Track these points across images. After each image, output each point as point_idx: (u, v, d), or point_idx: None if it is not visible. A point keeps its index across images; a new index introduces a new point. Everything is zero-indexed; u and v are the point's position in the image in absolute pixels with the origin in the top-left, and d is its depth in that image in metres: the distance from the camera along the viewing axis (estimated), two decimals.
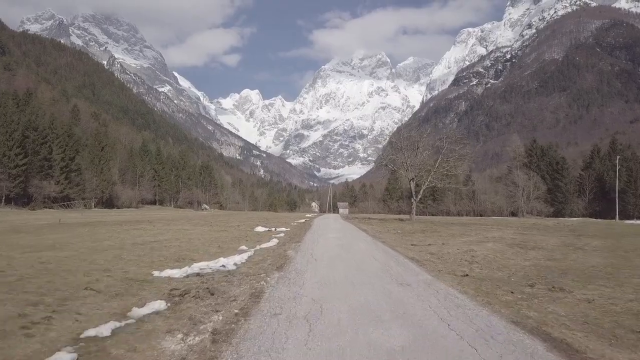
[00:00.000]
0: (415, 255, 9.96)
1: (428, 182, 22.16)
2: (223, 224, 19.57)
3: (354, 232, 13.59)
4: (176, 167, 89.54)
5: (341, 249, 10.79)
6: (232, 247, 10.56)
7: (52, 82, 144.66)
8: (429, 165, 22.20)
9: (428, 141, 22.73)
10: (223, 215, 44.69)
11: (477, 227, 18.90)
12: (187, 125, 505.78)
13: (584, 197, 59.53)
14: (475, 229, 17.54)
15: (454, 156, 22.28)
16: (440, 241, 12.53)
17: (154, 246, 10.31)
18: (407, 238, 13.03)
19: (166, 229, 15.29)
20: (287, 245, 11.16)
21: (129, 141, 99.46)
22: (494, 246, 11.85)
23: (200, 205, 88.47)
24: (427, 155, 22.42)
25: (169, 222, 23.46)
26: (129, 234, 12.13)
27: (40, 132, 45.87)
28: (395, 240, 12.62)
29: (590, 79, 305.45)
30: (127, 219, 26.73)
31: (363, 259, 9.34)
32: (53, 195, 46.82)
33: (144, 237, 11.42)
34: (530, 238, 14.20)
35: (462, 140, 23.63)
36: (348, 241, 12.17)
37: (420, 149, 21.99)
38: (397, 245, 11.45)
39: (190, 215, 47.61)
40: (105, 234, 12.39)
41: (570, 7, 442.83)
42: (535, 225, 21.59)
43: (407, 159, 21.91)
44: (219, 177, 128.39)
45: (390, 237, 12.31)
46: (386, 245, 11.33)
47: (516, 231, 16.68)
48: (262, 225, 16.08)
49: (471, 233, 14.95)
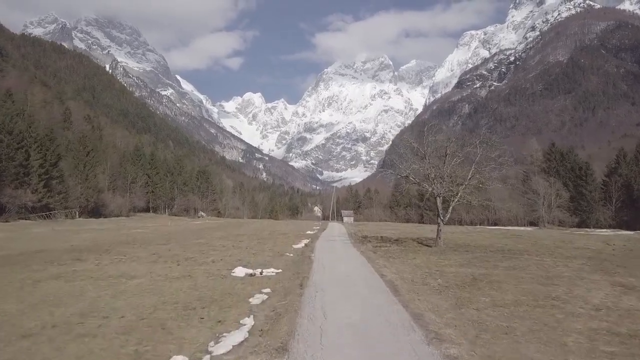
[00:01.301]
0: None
1: (459, 197, 17.61)
2: (196, 254, 15.12)
3: (375, 289, 8.75)
4: (171, 172, 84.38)
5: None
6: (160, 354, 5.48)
7: (50, 85, 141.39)
8: (460, 177, 17.68)
9: (456, 146, 18.18)
10: (212, 228, 40.24)
11: (534, 258, 14.22)
12: (190, 128, 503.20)
13: (610, 206, 54.74)
14: (537, 264, 12.78)
15: (490, 165, 17.75)
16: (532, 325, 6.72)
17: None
18: (468, 310, 7.29)
19: (110, 271, 10.98)
20: (266, 337, 6.13)
21: (125, 145, 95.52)
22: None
23: (196, 212, 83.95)
24: (457, 164, 17.88)
25: (135, 245, 19.12)
26: None
27: (15, 136, 41.70)
28: (460, 321, 6.87)
29: (596, 81, 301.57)
30: (89, 240, 22.41)
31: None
32: (30, 205, 42.62)
33: None
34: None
35: (499, 144, 19.13)
36: (374, 333, 6.27)
37: (449, 156, 17.45)
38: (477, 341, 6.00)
39: (177, 228, 43.30)
40: None
41: (574, 9, 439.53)
42: (602, 253, 16.62)
43: (432, 169, 17.39)
44: (219, 182, 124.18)
45: (437, 301, 7.39)
46: None
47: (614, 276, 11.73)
48: (244, 266, 11.58)
49: (559, 284, 9.53)
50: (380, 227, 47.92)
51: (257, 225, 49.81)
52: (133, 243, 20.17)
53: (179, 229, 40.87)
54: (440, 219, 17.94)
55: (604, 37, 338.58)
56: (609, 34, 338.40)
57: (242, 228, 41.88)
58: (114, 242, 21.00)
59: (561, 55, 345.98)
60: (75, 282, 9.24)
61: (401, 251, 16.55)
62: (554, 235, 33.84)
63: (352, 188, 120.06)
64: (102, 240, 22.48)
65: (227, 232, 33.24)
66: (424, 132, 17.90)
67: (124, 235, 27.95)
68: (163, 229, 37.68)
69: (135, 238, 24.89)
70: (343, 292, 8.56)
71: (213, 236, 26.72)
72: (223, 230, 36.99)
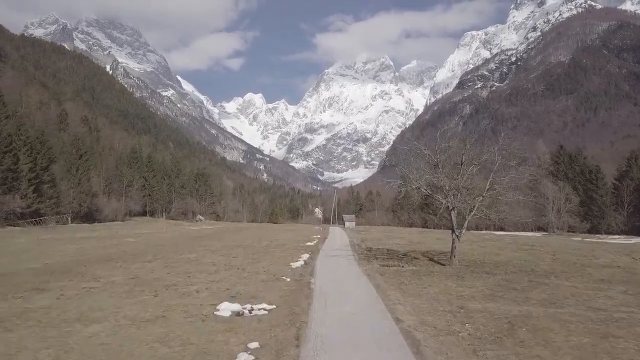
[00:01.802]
0: None
1: (476, 210, 15.76)
2: (181, 278, 13.29)
3: (391, 348, 6.28)
4: (168, 175, 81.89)
5: None
6: None
7: (49, 86, 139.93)
8: (477, 189, 15.83)
9: (473, 153, 16.33)
10: (208, 237, 38.41)
11: (565, 283, 12.29)
12: (191, 129, 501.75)
13: (622, 211, 52.76)
14: (573, 294, 10.36)
15: (510, 174, 15.91)
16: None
17: None
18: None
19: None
20: None
21: (123, 146, 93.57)
22: None
23: (194, 216, 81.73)
24: (473, 174, 16.01)
25: (117, 263, 17.38)
26: None
27: (3, 140, 39.95)
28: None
29: (598, 81, 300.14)
30: (70, 255, 20.68)
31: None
32: (19, 212, 40.84)
33: None
34: None
35: (521, 151, 17.28)
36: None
37: (465, 164, 15.60)
38: None
39: (172, 234, 41.51)
40: None
41: (576, 9, 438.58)
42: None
43: (446, 179, 15.54)
44: (219, 184, 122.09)
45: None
46: None
47: None
48: (232, 297, 9.72)
49: (620, 334, 7.38)
50: (383, 234, 46.02)
51: (255, 232, 47.86)
52: (116, 260, 18.36)
53: (174, 235, 39.01)
54: (455, 235, 16.11)
55: (605, 38, 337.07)
56: (610, 34, 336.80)
57: (240, 235, 40.00)
58: (95, 257, 19.21)
59: (563, 56, 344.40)
60: (18, 331, 7.39)
61: (413, 273, 14.68)
62: (569, 245, 31.97)
63: (353, 190, 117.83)
64: (84, 254, 20.69)
65: (222, 242, 31.40)
66: (436, 137, 16.12)
67: (113, 245, 26.17)
68: (156, 237, 35.84)
69: (123, 250, 23.11)
70: (351, 352, 6.53)
71: (206, 249, 24.88)
72: (219, 239, 35.12)
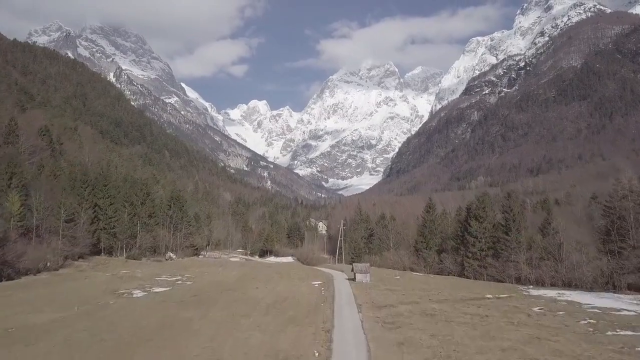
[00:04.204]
0: None
1: None
2: None
3: None
4: (130, 201, 67.31)
5: None
6: None
7: (32, 92, 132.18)
8: None
9: None
10: (154, 311, 25.98)
11: None
12: (194, 136, 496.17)
13: None
14: None
15: None
16: None
17: None
18: None
19: None
20: None
21: (97, 161, 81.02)
22: None
23: (166, 251, 69.50)
24: None
25: None
26: None
27: None
28: None
29: (612, 86, 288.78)
30: None
31: None
32: None
33: None
34: None
35: None
36: None
37: None
38: None
39: (97, 312, 26.52)
40: None
41: (585, 14, 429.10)
42: None
43: None
44: (209, 204, 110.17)
45: None
46: None
47: None
48: None
49: None
50: (415, 293, 34.79)
51: (231, 295, 33.48)
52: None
53: (97, 315, 25.13)
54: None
55: (618, 42, 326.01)
56: (623, 38, 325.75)
57: (204, 309, 26.92)
58: None
59: (574, 61, 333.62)
60: None
61: None
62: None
63: (360, 209, 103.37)
64: None
65: (174, 327, 20.93)
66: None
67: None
68: (66, 323, 22.62)
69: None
70: None
71: None
72: (172, 316, 24.36)
